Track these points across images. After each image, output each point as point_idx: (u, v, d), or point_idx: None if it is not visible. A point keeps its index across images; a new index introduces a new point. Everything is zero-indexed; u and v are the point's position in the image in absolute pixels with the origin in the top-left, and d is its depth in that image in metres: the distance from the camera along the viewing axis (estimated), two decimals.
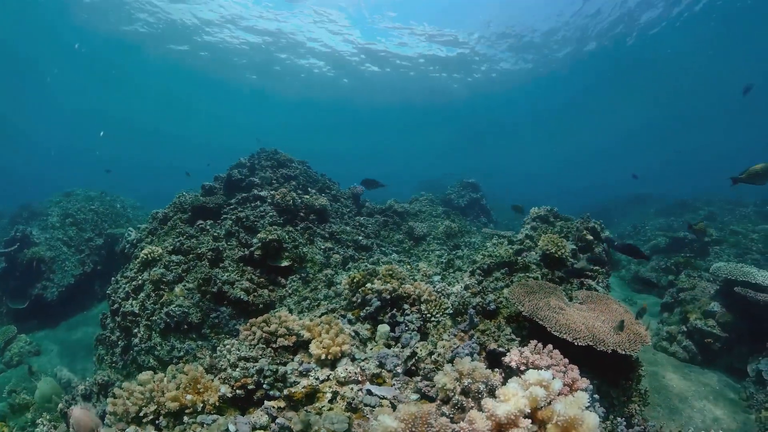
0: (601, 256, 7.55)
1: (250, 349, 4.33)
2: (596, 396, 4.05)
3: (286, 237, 8.46)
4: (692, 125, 60.22)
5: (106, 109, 56.50)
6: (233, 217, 9.09)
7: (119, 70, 38.69)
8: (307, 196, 10.50)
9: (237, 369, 4.02)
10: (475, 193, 18.30)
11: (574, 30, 29.23)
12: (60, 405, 6.41)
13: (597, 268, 6.95)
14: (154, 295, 7.16)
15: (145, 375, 4.39)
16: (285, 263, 7.87)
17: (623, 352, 4.17)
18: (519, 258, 6.62)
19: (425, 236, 11.52)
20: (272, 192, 10.12)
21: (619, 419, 4.05)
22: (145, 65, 36.87)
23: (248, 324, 4.71)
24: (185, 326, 6.72)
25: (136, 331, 6.97)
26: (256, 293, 7.12)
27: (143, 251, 7.86)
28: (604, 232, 7.98)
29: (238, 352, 4.29)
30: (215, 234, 8.61)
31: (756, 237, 13.70)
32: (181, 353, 6.45)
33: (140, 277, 7.59)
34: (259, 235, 7.94)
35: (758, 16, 25.19)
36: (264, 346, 4.39)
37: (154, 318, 6.83)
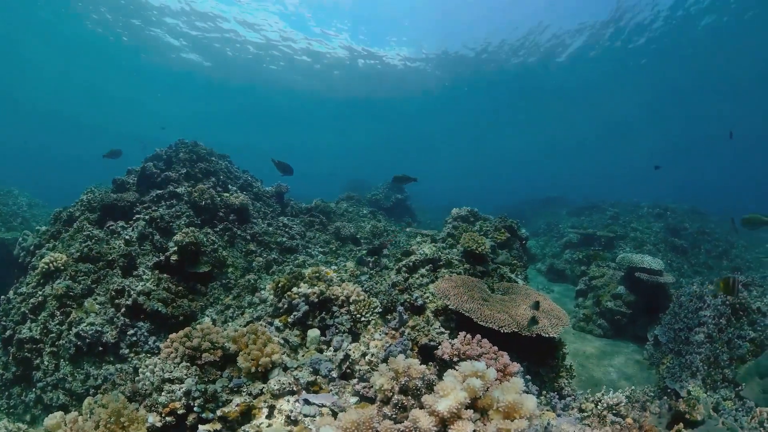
0: (518, 251, 8.19)
1: (173, 368, 4.04)
2: (528, 377, 4.43)
3: (204, 240, 7.97)
4: (603, 139, 68.15)
5: None
6: (147, 217, 8.40)
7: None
8: (227, 194, 10.06)
9: (162, 393, 3.73)
10: (401, 194, 18.82)
11: (499, 51, 32.50)
12: None
13: (515, 261, 7.55)
14: (59, 313, 6.25)
15: (53, 418, 3.78)
16: (204, 269, 7.43)
17: (546, 335, 4.58)
18: (442, 255, 6.93)
19: (352, 236, 11.58)
20: (189, 189, 9.54)
21: (551, 393, 4.47)
22: (38, 30, 30.89)
23: (169, 340, 4.40)
24: (100, 348, 5.92)
25: (38, 362, 5.96)
26: (174, 304, 6.60)
27: (44, 260, 6.93)
28: (521, 230, 8.63)
29: (161, 373, 3.99)
30: (127, 237, 7.87)
31: (649, 232, 16.31)
32: (99, 381, 5.65)
33: (40, 293, 6.62)
34: (175, 237, 7.39)
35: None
36: (188, 363, 4.13)
37: (61, 342, 5.94)
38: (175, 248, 7.22)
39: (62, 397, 5.65)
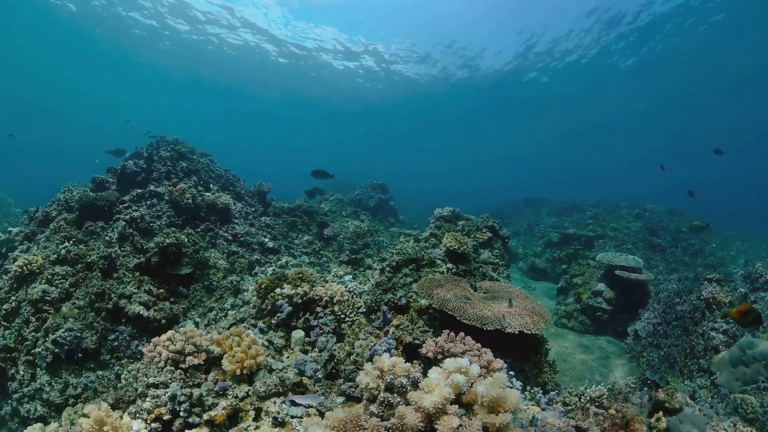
0: (500, 250, 8.31)
1: (157, 373, 3.97)
2: (512, 373, 4.49)
3: (186, 240, 7.79)
4: (583, 142, 70.80)
5: None
6: (127, 217, 8.22)
7: None
8: (209, 194, 9.93)
9: (147, 399, 3.64)
10: (384, 194, 18.95)
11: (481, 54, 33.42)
12: None
13: (497, 260, 7.66)
14: (34, 319, 5.95)
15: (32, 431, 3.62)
16: (186, 270, 7.33)
17: (529, 332, 4.64)
18: (425, 254, 6.98)
19: (335, 236, 11.55)
20: (170, 188, 9.37)
21: (536, 389, 4.54)
22: (12, 17, 29.63)
23: (152, 344, 4.32)
24: (80, 354, 5.70)
25: (13, 371, 5.66)
26: (156, 307, 6.48)
27: (17, 262, 6.59)
28: (502, 230, 8.75)
29: (145, 379, 3.91)
30: (107, 238, 7.67)
31: (629, 232, 16.79)
32: (79, 390, 5.43)
33: (14, 298, 6.32)
34: (155, 238, 7.27)
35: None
36: (173, 367, 4.06)
37: (37, 350, 5.65)
38: (156, 249, 7.10)
39: (40, 408, 5.40)
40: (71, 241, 7.35)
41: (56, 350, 5.62)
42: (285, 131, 73.87)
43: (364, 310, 5.50)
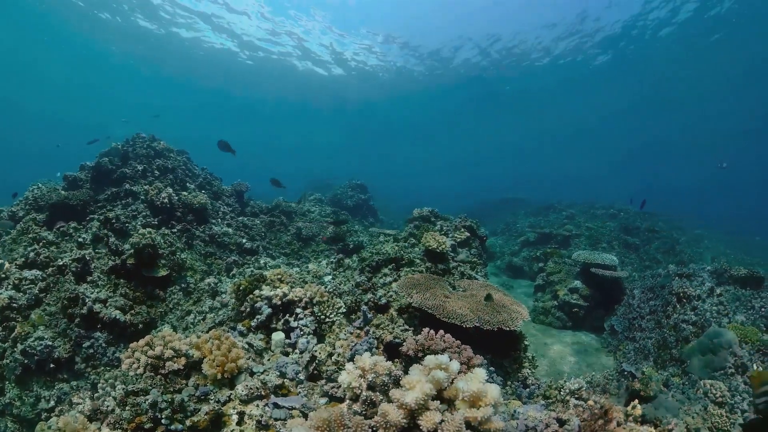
0: (478, 249, 8.41)
1: (136, 379, 3.87)
2: (492, 368, 4.58)
3: (162, 241, 7.60)
4: (557, 145, 73.50)
5: None
6: (101, 217, 7.96)
7: None
8: (185, 193, 9.74)
9: (126, 407, 3.51)
10: (363, 194, 19.00)
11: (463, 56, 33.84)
12: None
13: (475, 259, 7.76)
14: (1, 328, 5.67)
15: None
16: (162, 273, 7.13)
17: (507, 329, 4.73)
18: (404, 254, 7.02)
19: (314, 236, 11.49)
20: (146, 187, 9.16)
21: (516, 383, 4.70)
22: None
23: (130, 349, 4.20)
24: (52, 365, 5.43)
25: None
26: (133, 311, 6.27)
27: None
28: (480, 230, 8.86)
29: (123, 386, 3.78)
30: (80, 239, 7.40)
31: (604, 231, 17.31)
32: (52, 403, 5.17)
33: None
34: (131, 239, 7.04)
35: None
36: (152, 373, 3.96)
37: (5, 362, 5.39)
38: (132, 251, 6.89)
39: (10, 424, 5.19)
40: (41, 243, 7.08)
41: (26, 361, 5.36)
42: (265, 130, 73.18)
43: (345, 310, 5.50)
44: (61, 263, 6.60)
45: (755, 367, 5.46)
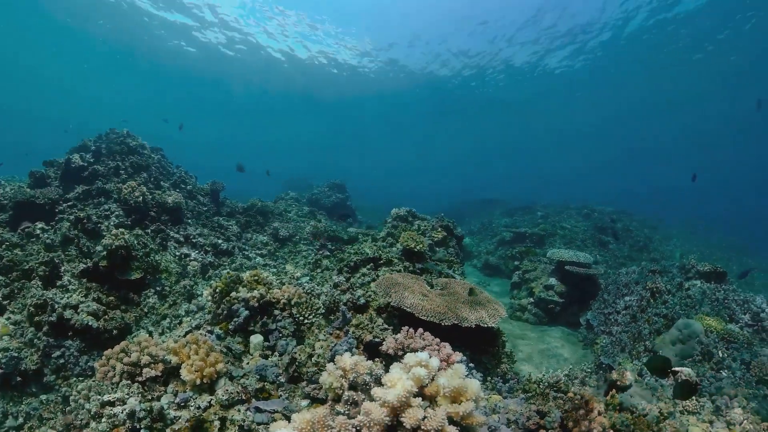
0: (455, 248, 8.51)
1: (112, 389, 3.73)
2: (471, 365, 4.63)
3: (135, 243, 7.33)
4: (532, 147, 74.61)
5: None
6: (72, 217, 7.66)
7: None
8: (159, 192, 9.51)
9: (102, 420, 3.34)
10: (342, 193, 18.89)
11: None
12: None
13: (452, 258, 7.85)
14: None
15: None
16: (136, 275, 6.88)
17: (485, 325, 4.83)
18: (383, 253, 7.04)
19: (291, 237, 11.38)
20: (119, 185, 8.86)
21: (495, 378, 4.79)
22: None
23: (104, 357, 4.05)
24: (18, 378, 5.05)
25: None
26: (107, 316, 5.97)
27: None
28: (457, 229, 8.97)
29: (98, 397, 3.59)
30: (49, 241, 7.10)
31: (578, 230, 17.84)
32: (20, 420, 4.75)
33: None
34: (103, 240, 6.75)
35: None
36: (129, 381, 3.83)
37: None
38: (104, 253, 6.63)
39: None
40: (4, 246, 6.75)
41: None
42: (239, 127, 71.98)
43: (323, 311, 5.47)
44: (26, 267, 6.30)
45: (720, 354, 5.77)
